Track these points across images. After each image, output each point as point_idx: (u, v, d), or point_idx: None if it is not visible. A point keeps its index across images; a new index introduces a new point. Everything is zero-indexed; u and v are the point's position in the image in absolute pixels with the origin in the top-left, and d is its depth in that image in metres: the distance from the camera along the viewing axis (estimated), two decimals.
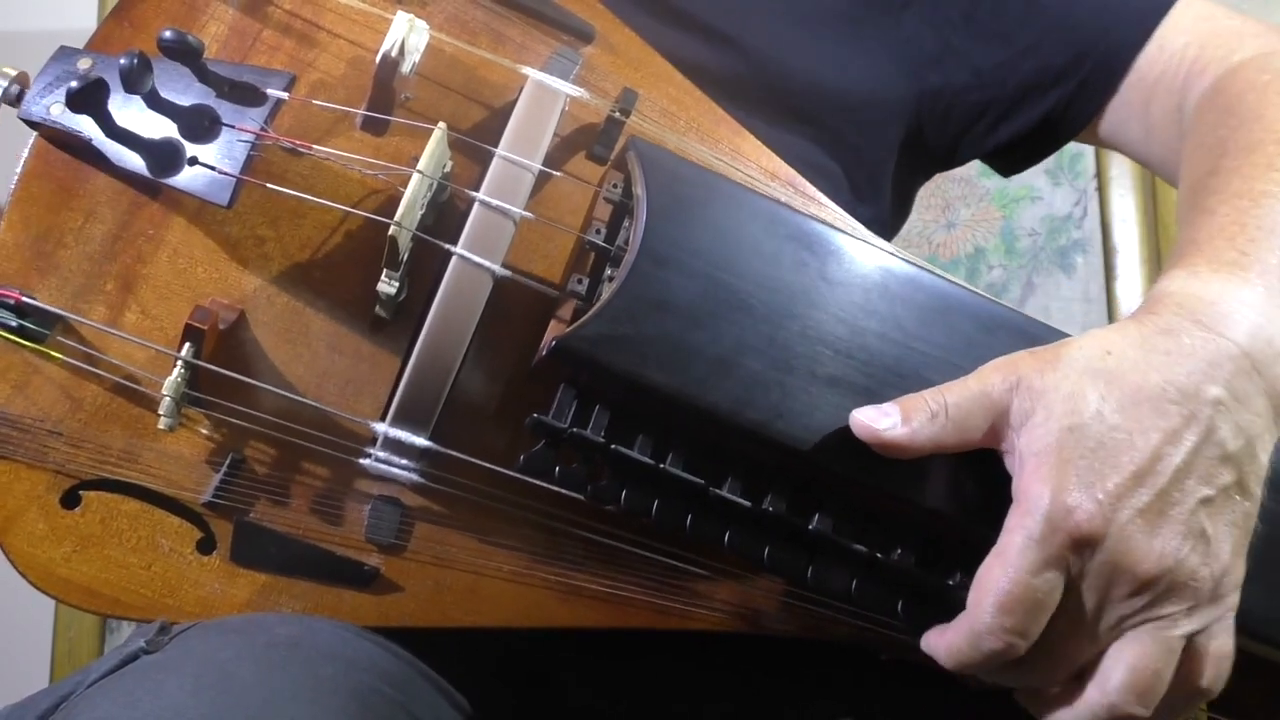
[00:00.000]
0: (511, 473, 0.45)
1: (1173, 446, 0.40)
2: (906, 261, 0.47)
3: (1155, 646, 0.40)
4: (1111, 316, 1.30)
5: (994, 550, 0.40)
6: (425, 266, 0.46)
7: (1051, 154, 0.66)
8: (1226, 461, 0.40)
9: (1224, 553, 0.41)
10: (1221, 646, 0.42)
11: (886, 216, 0.67)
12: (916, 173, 0.68)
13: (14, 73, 0.45)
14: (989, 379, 0.42)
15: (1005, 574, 0.39)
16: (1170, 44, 0.59)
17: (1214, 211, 0.47)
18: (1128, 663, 0.40)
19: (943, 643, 0.42)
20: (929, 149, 0.65)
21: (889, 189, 0.65)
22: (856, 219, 0.52)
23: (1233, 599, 0.42)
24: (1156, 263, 1.29)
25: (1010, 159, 0.67)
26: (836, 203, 0.52)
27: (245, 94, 0.44)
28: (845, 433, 0.43)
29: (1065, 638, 0.41)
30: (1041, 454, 0.40)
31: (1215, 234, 0.46)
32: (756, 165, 0.52)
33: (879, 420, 0.42)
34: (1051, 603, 0.40)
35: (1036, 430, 0.40)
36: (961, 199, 1.38)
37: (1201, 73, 0.57)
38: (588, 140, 0.50)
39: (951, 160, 0.67)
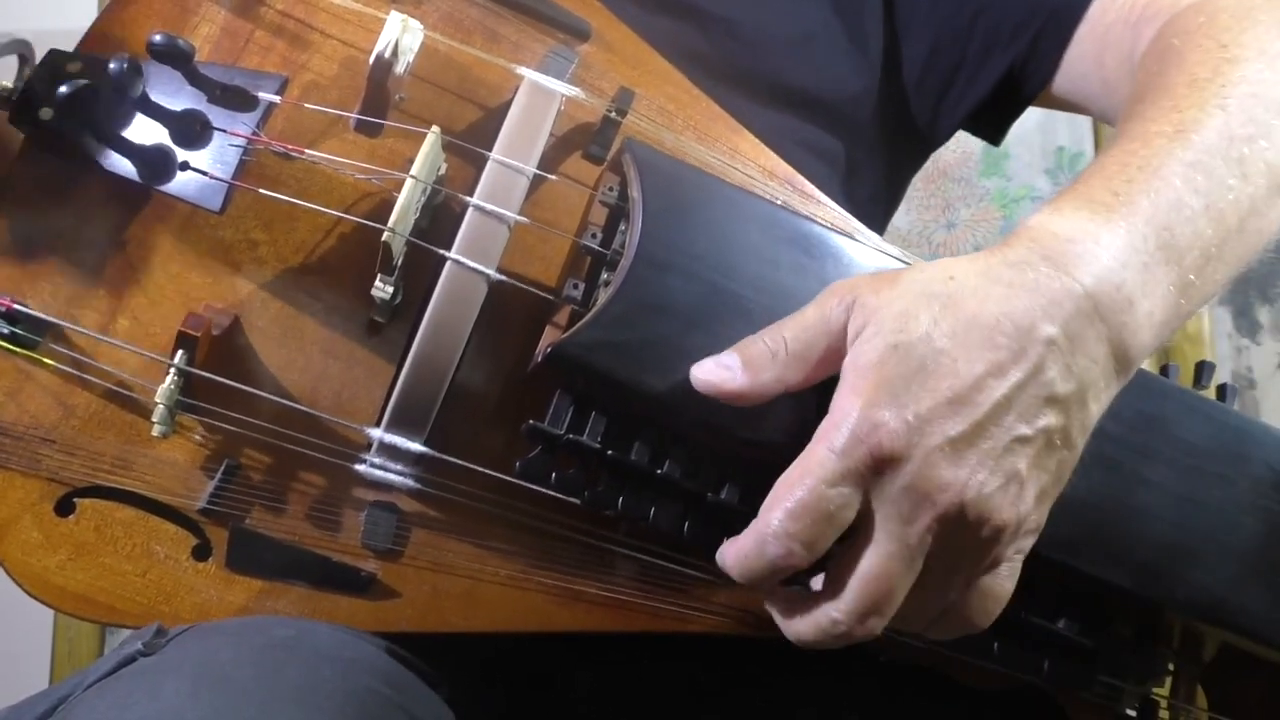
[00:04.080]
0: (508, 478, 0.45)
1: (996, 379, 0.38)
2: (905, 264, 0.47)
3: (941, 577, 0.40)
4: None
5: (798, 459, 0.39)
6: (420, 270, 0.46)
7: (1021, 112, 0.65)
8: (1051, 404, 0.39)
9: (1031, 496, 0.39)
10: (1002, 588, 0.41)
11: (882, 193, 0.67)
12: (901, 154, 0.68)
13: (12, 39, 0.44)
14: (826, 304, 0.41)
15: (801, 482, 0.38)
16: None
17: (1105, 154, 0.45)
18: (917, 597, 0.40)
19: (732, 549, 0.41)
20: (912, 119, 0.65)
21: (883, 164, 0.66)
22: (854, 199, 0.52)
23: (1025, 543, 0.41)
24: None
25: (986, 123, 0.67)
26: (834, 183, 0.52)
27: (237, 98, 0.44)
28: None
29: (872, 572, 0.39)
30: (861, 369, 0.39)
31: (1095, 174, 0.44)
32: (755, 164, 0.51)
33: (718, 373, 0.41)
34: (842, 518, 0.39)
35: (863, 345, 0.39)
36: (961, 199, 1.38)
37: (1152, 19, 0.55)
38: (584, 140, 0.49)
39: (934, 130, 0.67)
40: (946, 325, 0.39)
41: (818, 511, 0.38)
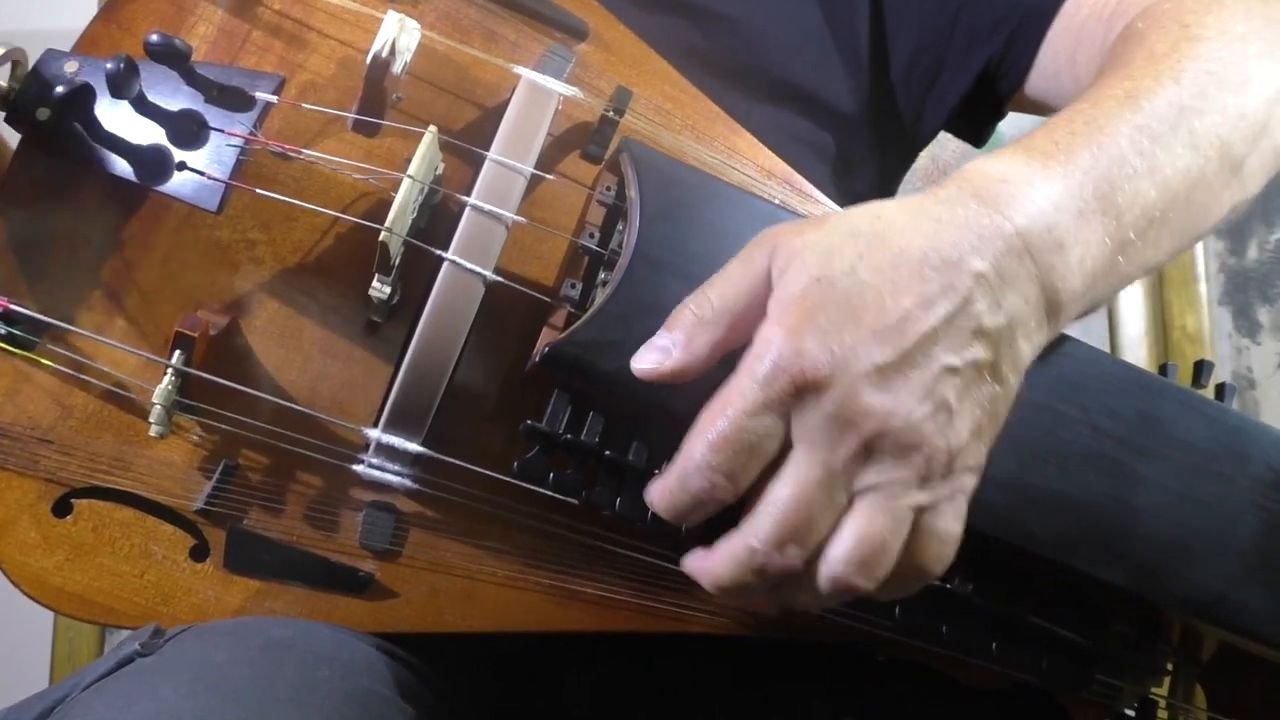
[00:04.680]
0: (506, 478, 0.45)
1: (923, 311, 0.37)
2: None
3: (884, 517, 0.38)
4: (1111, 316, 1.29)
5: (720, 390, 0.38)
6: (418, 270, 0.46)
7: (1000, 112, 0.65)
8: (980, 336, 0.38)
9: (963, 428, 0.38)
10: (946, 528, 0.39)
11: (876, 191, 0.67)
12: (892, 151, 0.68)
13: (5, 49, 0.44)
14: (749, 254, 0.40)
15: (723, 412, 0.37)
16: None
17: (1054, 116, 0.45)
18: (855, 532, 0.38)
19: (658, 486, 0.40)
20: (900, 116, 0.65)
21: (878, 161, 0.66)
22: (851, 196, 0.52)
23: (965, 481, 0.39)
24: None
25: (968, 123, 0.67)
26: (831, 179, 0.52)
27: (234, 98, 0.44)
28: None
29: (789, 495, 0.38)
30: (784, 302, 0.38)
31: (1041, 129, 0.44)
32: (753, 164, 0.51)
33: (654, 358, 0.40)
34: (765, 449, 0.38)
35: (786, 281, 0.38)
36: None
37: (1124, 14, 0.55)
38: (581, 140, 0.49)
39: (919, 127, 0.66)
40: (873, 260, 0.38)
41: (739, 442, 0.37)
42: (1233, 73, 0.47)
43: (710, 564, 0.40)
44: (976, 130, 0.68)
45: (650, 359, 0.40)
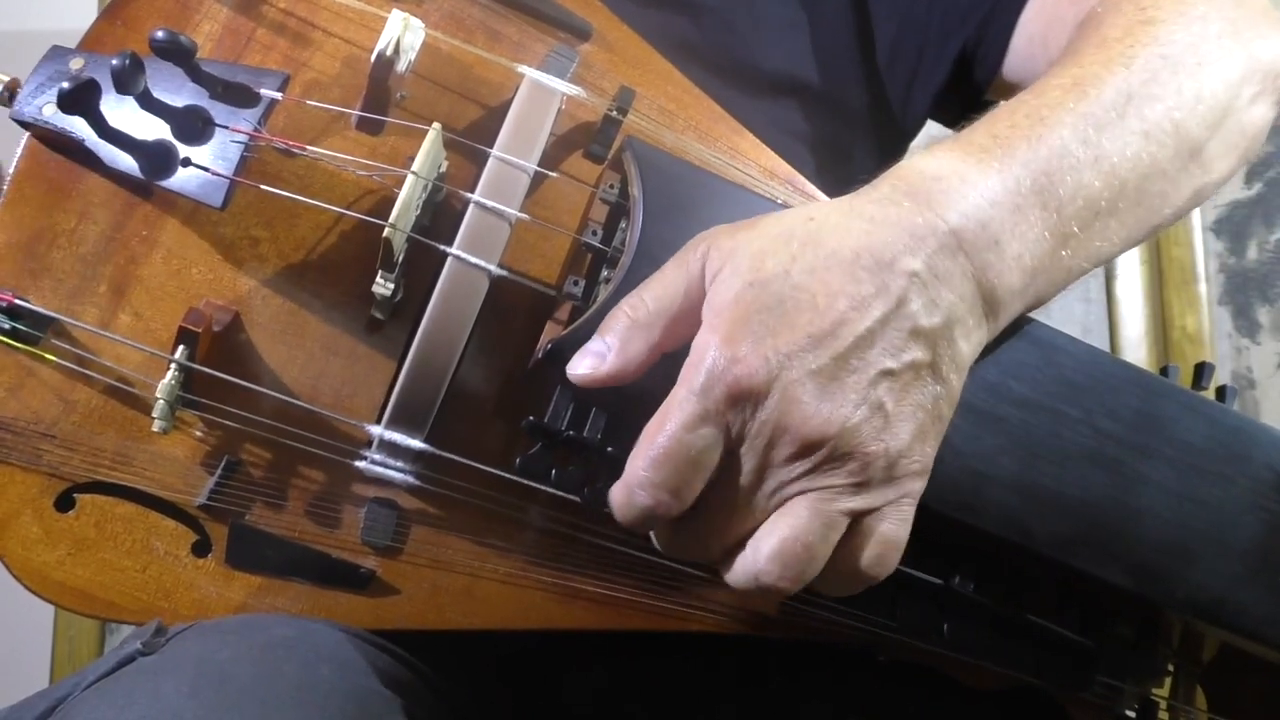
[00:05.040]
0: (508, 475, 0.45)
1: (858, 313, 0.37)
2: None
3: (810, 519, 0.38)
4: (1111, 316, 1.29)
5: (662, 405, 0.38)
6: (421, 267, 0.46)
7: (979, 100, 0.65)
8: (917, 336, 0.38)
9: (904, 432, 0.38)
10: (891, 531, 0.39)
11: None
12: (886, 141, 0.68)
13: (6, 79, 0.45)
14: (684, 256, 0.40)
15: (662, 428, 0.37)
16: None
17: (998, 107, 0.44)
18: (779, 532, 0.38)
19: (612, 494, 0.40)
20: (889, 103, 0.65)
21: (875, 151, 0.66)
22: (848, 187, 0.52)
23: (911, 485, 0.39)
24: (1155, 262, 1.29)
25: (950, 111, 0.67)
26: (829, 172, 0.51)
27: (239, 94, 0.44)
28: None
29: (726, 502, 0.38)
30: (718, 308, 0.38)
31: (982, 121, 0.43)
32: (755, 164, 0.51)
33: (589, 362, 0.40)
34: (706, 461, 0.38)
35: (719, 285, 0.38)
36: None
37: None
38: (585, 139, 0.50)
39: (905, 115, 0.66)
40: (805, 262, 0.38)
41: (680, 458, 0.37)
42: (1188, 55, 0.46)
43: (667, 547, 0.41)
44: (960, 117, 0.68)
45: (585, 364, 0.40)
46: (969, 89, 0.64)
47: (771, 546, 0.38)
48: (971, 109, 0.66)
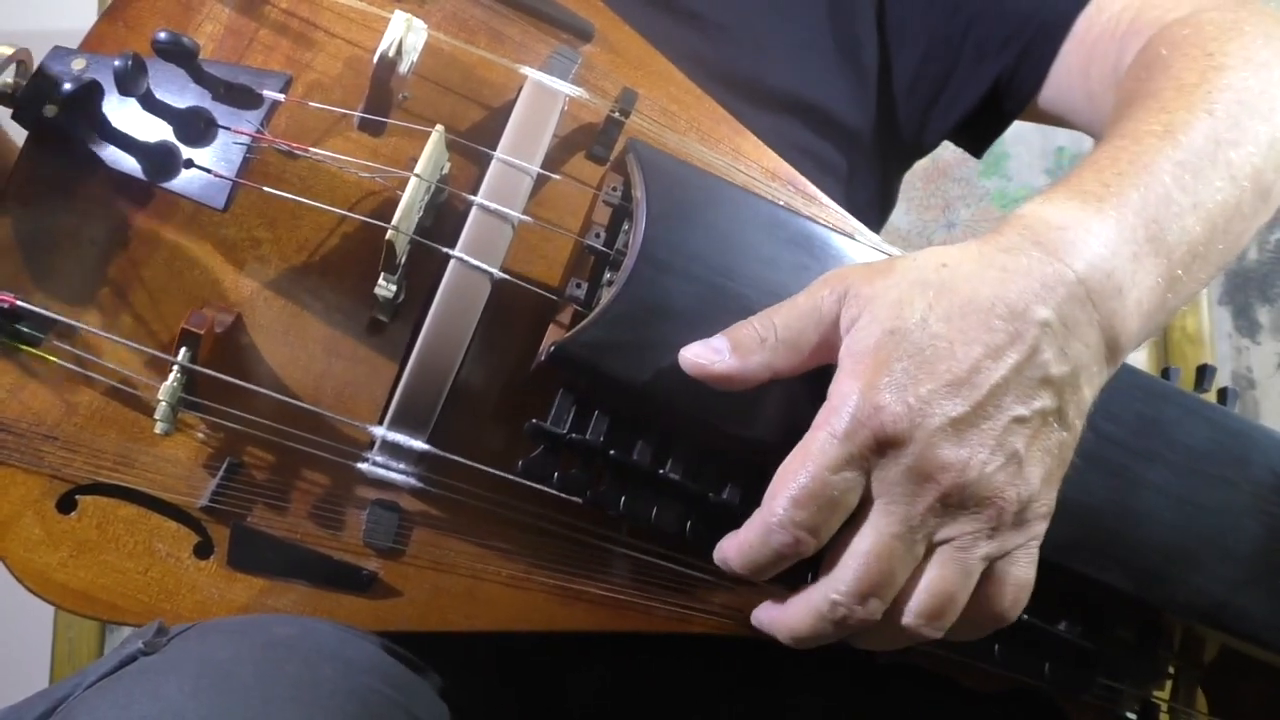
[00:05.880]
0: (511, 477, 0.45)
1: (993, 362, 0.38)
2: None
3: (952, 570, 0.39)
4: None
5: (798, 445, 0.39)
6: (423, 269, 0.46)
7: (1006, 125, 0.66)
8: (1047, 385, 0.39)
9: (1034, 477, 0.39)
10: (1021, 575, 0.41)
11: (877, 199, 0.68)
12: (892, 160, 0.68)
13: (11, 50, 0.44)
14: (817, 293, 0.41)
15: (804, 468, 0.38)
16: (1109, 6, 0.59)
17: (1097, 149, 0.46)
18: (928, 586, 0.39)
19: (734, 543, 0.41)
20: (900, 126, 0.66)
21: (879, 169, 0.66)
22: (854, 203, 0.52)
23: (1038, 528, 0.41)
24: None
25: (972, 134, 0.67)
26: (833, 187, 0.52)
27: (241, 95, 0.44)
28: None
29: (870, 549, 0.39)
30: (859, 354, 0.39)
31: (1087, 167, 0.45)
32: (758, 165, 0.51)
33: (706, 355, 0.41)
34: (847, 503, 0.39)
35: (859, 333, 0.39)
36: (961, 199, 1.38)
37: (1138, 33, 0.56)
38: (587, 140, 0.49)
39: (921, 138, 0.67)
40: (941, 310, 0.39)
41: (822, 497, 0.38)
42: (1261, 102, 0.48)
43: (788, 617, 0.41)
44: (979, 142, 0.68)
45: (702, 354, 0.41)
46: (997, 115, 0.64)
47: (922, 601, 0.40)
48: (994, 134, 0.67)
